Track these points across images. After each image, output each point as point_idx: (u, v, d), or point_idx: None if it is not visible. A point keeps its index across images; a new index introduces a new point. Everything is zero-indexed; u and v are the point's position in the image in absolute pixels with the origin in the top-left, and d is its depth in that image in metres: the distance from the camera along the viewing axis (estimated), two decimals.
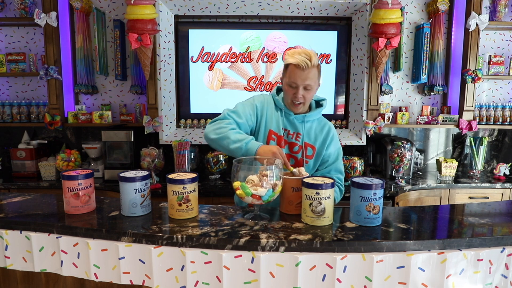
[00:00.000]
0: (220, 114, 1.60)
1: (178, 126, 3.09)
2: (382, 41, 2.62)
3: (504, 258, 1.08)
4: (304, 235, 1.08)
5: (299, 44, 3.01)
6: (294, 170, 1.35)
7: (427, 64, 2.93)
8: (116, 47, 2.94)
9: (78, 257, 1.16)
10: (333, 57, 3.03)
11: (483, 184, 2.75)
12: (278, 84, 1.74)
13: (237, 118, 1.54)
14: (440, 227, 1.19)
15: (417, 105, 3.18)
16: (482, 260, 1.05)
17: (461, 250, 1.05)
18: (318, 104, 1.69)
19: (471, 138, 3.01)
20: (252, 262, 1.04)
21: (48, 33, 2.83)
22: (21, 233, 1.20)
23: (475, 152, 2.97)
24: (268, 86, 3.05)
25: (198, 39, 3.00)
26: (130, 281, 1.13)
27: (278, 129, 1.61)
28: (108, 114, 2.93)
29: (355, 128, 3.03)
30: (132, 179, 1.22)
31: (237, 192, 1.22)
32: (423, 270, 1.04)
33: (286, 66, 1.54)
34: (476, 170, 2.98)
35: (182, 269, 1.08)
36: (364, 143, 2.98)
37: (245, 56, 3.01)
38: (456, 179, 2.86)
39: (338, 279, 1.03)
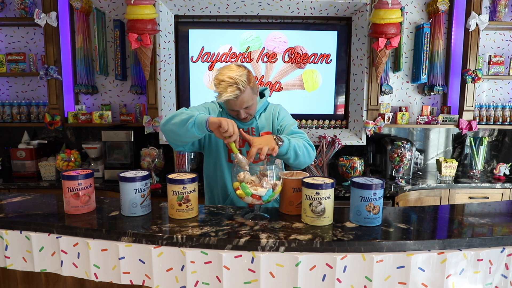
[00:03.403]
0: None
1: None
2: (382, 41, 2.62)
3: (504, 258, 1.08)
4: (304, 235, 1.08)
5: (299, 44, 3.01)
6: (240, 156, 1.25)
7: (427, 64, 2.93)
8: (116, 47, 2.94)
9: (78, 257, 1.16)
10: (333, 57, 3.03)
11: (483, 184, 2.75)
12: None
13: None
14: (440, 227, 1.19)
15: (417, 105, 3.18)
16: (482, 260, 1.06)
17: (461, 250, 1.05)
18: (261, 94, 1.69)
19: (471, 138, 3.01)
20: (252, 262, 1.04)
21: (48, 33, 2.83)
22: (21, 233, 1.20)
23: (475, 152, 2.97)
24: (268, 86, 3.05)
25: (198, 39, 3.00)
26: (130, 281, 1.13)
27: None
28: (108, 114, 2.93)
29: (355, 128, 3.03)
30: (132, 179, 1.22)
31: (237, 192, 1.22)
32: (423, 270, 1.04)
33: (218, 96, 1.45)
34: (476, 170, 2.98)
35: (182, 269, 1.08)
36: (364, 143, 2.98)
37: (245, 56, 3.01)
38: (456, 179, 2.86)
39: (338, 279, 1.03)
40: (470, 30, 2.81)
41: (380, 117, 2.90)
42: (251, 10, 2.87)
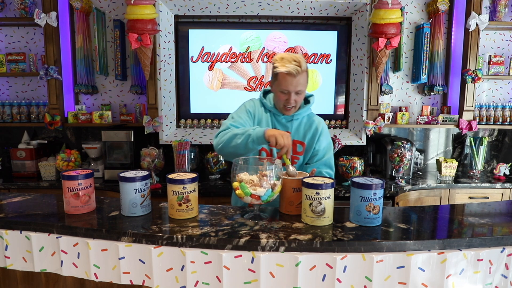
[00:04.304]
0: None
1: (178, 126, 3.09)
2: (382, 41, 2.62)
3: (504, 258, 1.07)
4: (304, 235, 1.08)
5: (299, 44, 3.01)
6: (291, 168, 1.35)
7: (427, 64, 2.93)
8: (116, 47, 2.94)
9: (78, 257, 1.16)
10: (333, 57, 3.03)
11: (483, 184, 2.75)
12: (264, 88, 1.75)
13: (237, 125, 1.58)
14: (440, 227, 1.19)
15: (417, 105, 3.18)
16: (482, 260, 1.05)
17: (461, 250, 1.05)
18: (306, 100, 1.71)
19: (471, 138, 3.01)
20: (252, 262, 1.04)
21: (48, 33, 2.83)
22: (21, 233, 1.20)
23: (475, 152, 2.97)
24: (268, 86, 3.05)
25: (198, 39, 3.00)
26: (130, 281, 1.13)
27: None
28: (108, 114, 2.93)
29: (355, 128, 3.03)
30: (132, 179, 1.22)
31: (237, 192, 1.22)
32: (423, 270, 1.04)
33: (277, 74, 1.54)
34: (476, 170, 2.98)
35: (182, 269, 1.08)
36: (364, 143, 2.98)
37: (245, 56, 3.01)
38: (456, 179, 2.86)
39: (338, 279, 1.03)
40: (470, 30, 2.81)
41: (380, 117, 2.90)
42: (251, 10, 2.87)
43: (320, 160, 1.66)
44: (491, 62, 2.95)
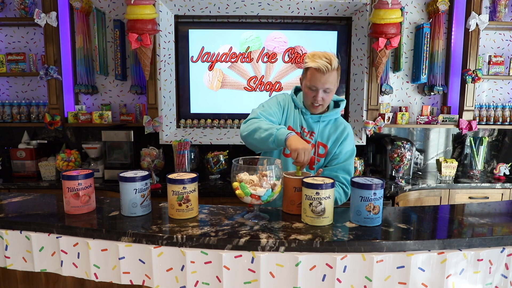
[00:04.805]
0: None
1: (178, 126, 3.09)
2: (382, 41, 2.62)
3: (504, 258, 1.07)
4: (304, 235, 1.08)
5: (299, 44, 3.01)
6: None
7: (427, 64, 2.93)
8: (116, 47, 2.94)
9: (78, 257, 1.16)
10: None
11: (483, 184, 2.75)
12: (295, 85, 1.75)
13: (267, 115, 1.56)
14: (440, 227, 1.19)
15: (417, 105, 3.18)
16: (482, 260, 1.05)
17: (461, 250, 1.05)
18: (337, 104, 1.70)
19: (471, 138, 3.01)
20: (252, 262, 1.04)
21: (48, 33, 2.82)
22: (21, 233, 1.20)
23: (475, 152, 2.97)
24: (268, 86, 3.05)
25: (198, 39, 3.00)
26: (130, 281, 1.13)
27: (295, 125, 1.66)
28: (108, 114, 2.93)
29: (355, 128, 3.03)
30: (132, 179, 1.22)
31: (237, 192, 1.22)
32: (423, 270, 1.04)
33: (306, 69, 1.54)
34: (476, 170, 2.98)
35: (182, 269, 1.08)
36: (364, 143, 2.98)
37: (245, 56, 3.01)
38: (456, 179, 2.86)
39: (338, 279, 1.03)
40: (470, 30, 2.81)
41: (380, 117, 2.90)
42: (251, 10, 2.87)
43: (339, 164, 1.64)
44: (491, 62, 2.95)
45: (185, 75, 3.04)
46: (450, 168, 2.81)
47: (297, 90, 1.74)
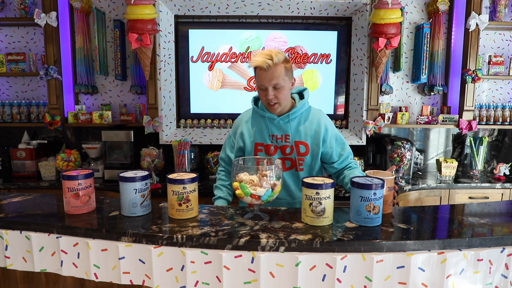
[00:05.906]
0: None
1: (178, 126, 3.09)
2: (382, 41, 2.62)
3: (504, 258, 1.07)
4: (304, 235, 1.08)
5: (299, 44, 3.01)
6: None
7: (427, 64, 2.93)
8: (116, 47, 2.94)
9: (78, 257, 1.16)
10: (333, 57, 3.03)
11: (483, 184, 2.74)
12: (254, 95, 1.72)
13: (226, 166, 1.78)
14: (440, 227, 1.19)
15: (417, 105, 3.18)
16: (482, 260, 1.05)
17: (461, 250, 1.05)
18: (302, 96, 1.64)
19: (471, 138, 3.01)
20: (252, 262, 1.04)
21: (48, 33, 2.82)
22: (21, 233, 1.20)
23: (475, 152, 2.97)
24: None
25: (198, 39, 3.00)
26: (130, 281, 1.13)
27: (263, 139, 1.61)
28: (108, 114, 2.93)
29: (355, 128, 3.03)
30: (132, 179, 1.22)
31: (237, 192, 1.22)
32: (423, 270, 1.04)
33: (254, 71, 1.53)
34: (476, 170, 2.98)
35: (182, 269, 1.08)
36: (364, 143, 2.98)
37: (245, 56, 3.01)
38: (456, 179, 2.86)
39: (338, 279, 1.03)
40: (470, 30, 2.81)
41: (380, 117, 2.90)
42: (251, 10, 2.87)
43: (343, 155, 1.62)
44: (491, 62, 2.95)
45: (185, 75, 3.04)
46: (450, 168, 2.80)
47: (257, 99, 1.68)
